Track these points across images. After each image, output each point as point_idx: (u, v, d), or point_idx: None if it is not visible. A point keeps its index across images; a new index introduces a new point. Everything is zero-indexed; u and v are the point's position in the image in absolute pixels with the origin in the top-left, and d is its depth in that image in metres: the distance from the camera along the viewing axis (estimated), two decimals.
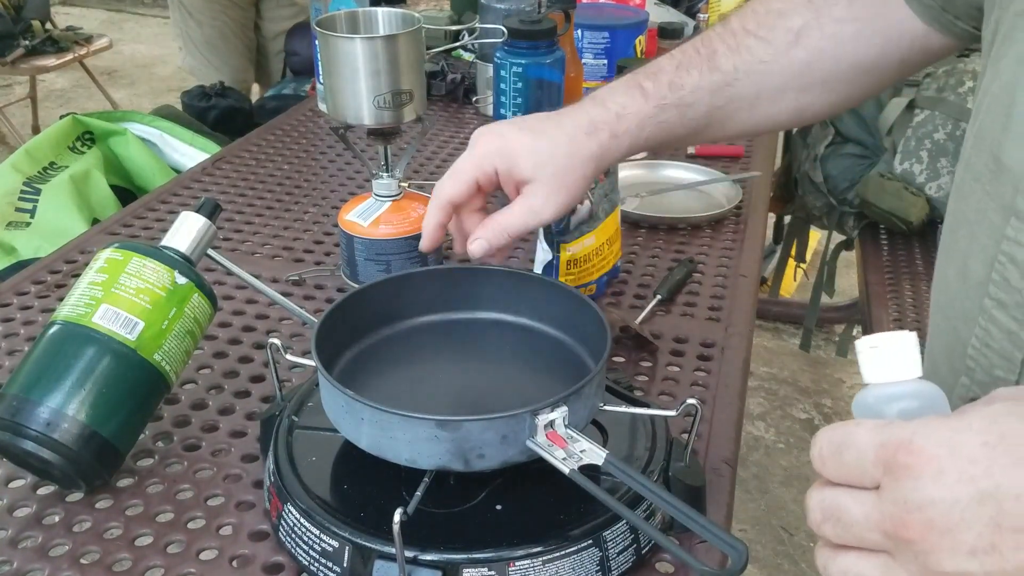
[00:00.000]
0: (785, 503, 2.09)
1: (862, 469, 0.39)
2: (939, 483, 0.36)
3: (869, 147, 1.93)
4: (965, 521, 0.36)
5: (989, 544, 0.36)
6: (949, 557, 0.36)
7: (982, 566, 0.36)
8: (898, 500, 0.37)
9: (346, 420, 0.65)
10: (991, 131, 0.49)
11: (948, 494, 0.36)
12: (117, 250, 0.76)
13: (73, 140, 1.62)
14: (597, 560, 0.63)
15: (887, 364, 0.43)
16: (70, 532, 0.70)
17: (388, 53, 0.94)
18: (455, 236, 0.81)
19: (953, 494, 0.36)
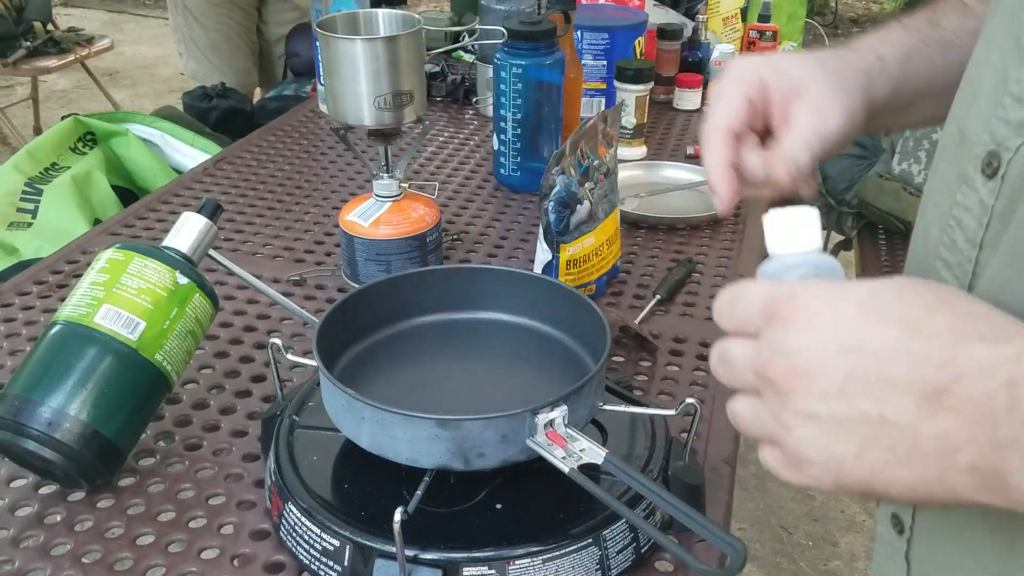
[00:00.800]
0: (784, 502, 2.10)
1: (748, 318, 0.43)
2: (807, 333, 0.40)
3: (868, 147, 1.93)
4: (823, 369, 0.39)
5: (839, 391, 0.39)
6: (803, 399, 0.40)
7: (829, 409, 0.39)
8: (769, 345, 0.41)
9: (347, 419, 0.66)
10: (960, 105, 0.51)
11: (813, 343, 0.40)
12: (119, 250, 0.76)
13: (75, 141, 1.62)
14: (597, 559, 0.64)
15: (790, 236, 0.46)
16: (72, 531, 0.70)
17: (389, 54, 0.94)
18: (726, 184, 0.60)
19: (817, 343, 0.39)
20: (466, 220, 1.23)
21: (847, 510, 2.07)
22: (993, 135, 0.47)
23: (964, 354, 0.37)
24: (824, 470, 0.41)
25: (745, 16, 1.98)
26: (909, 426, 0.38)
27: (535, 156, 1.27)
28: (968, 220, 0.48)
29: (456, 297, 0.81)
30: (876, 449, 0.39)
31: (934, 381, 0.37)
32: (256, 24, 2.61)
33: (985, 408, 0.37)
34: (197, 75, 2.53)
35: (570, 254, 0.97)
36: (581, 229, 0.97)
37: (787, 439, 0.41)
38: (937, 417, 0.37)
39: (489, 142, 1.47)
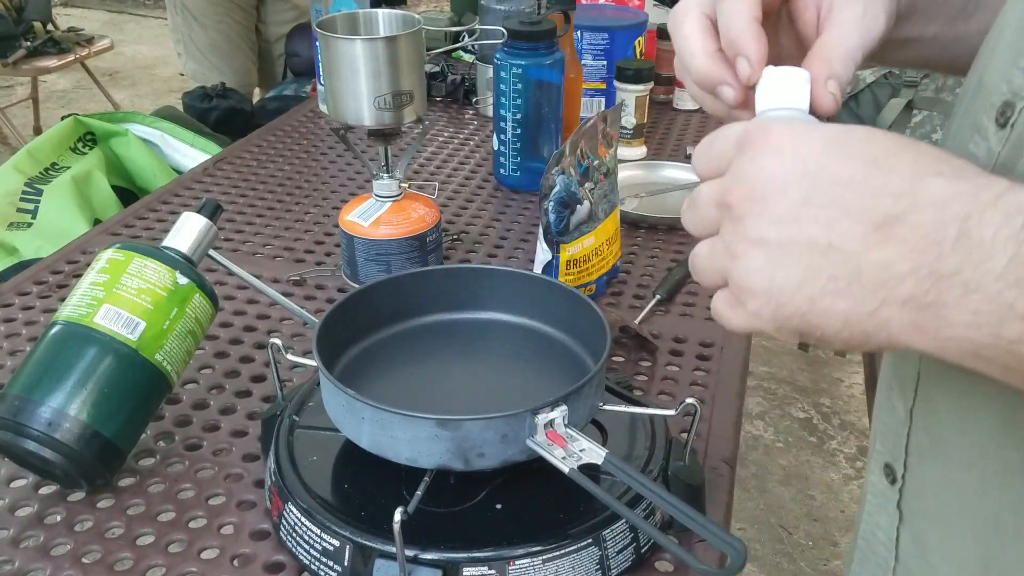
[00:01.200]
0: (784, 502, 2.10)
1: (724, 153, 0.42)
2: (771, 158, 0.40)
3: None
4: (780, 192, 0.39)
5: (791, 215, 0.39)
6: (755, 222, 0.40)
7: (778, 234, 0.39)
8: (734, 172, 0.41)
9: (347, 419, 0.66)
10: (982, 56, 0.50)
11: (774, 167, 0.40)
12: (118, 250, 0.76)
13: (75, 141, 1.62)
14: (597, 559, 0.64)
15: (780, 93, 0.46)
16: (72, 531, 0.70)
17: (389, 54, 0.94)
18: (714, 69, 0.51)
19: (778, 168, 0.40)
20: (466, 220, 1.23)
21: (847, 510, 2.07)
22: (1010, 84, 0.45)
23: (921, 187, 0.37)
24: (765, 300, 0.40)
25: None
26: (855, 253, 0.38)
27: (535, 156, 1.27)
28: None
29: (456, 297, 0.81)
30: (818, 276, 0.39)
31: (887, 210, 0.37)
32: (255, 23, 2.61)
33: (933, 238, 0.37)
34: (196, 75, 2.53)
35: (570, 254, 0.97)
36: (581, 229, 0.97)
37: (734, 269, 0.41)
38: (884, 246, 0.37)
39: (489, 142, 1.47)
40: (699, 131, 1.58)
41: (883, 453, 0.57)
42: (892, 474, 0.56)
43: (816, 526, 2.04)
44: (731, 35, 0.49)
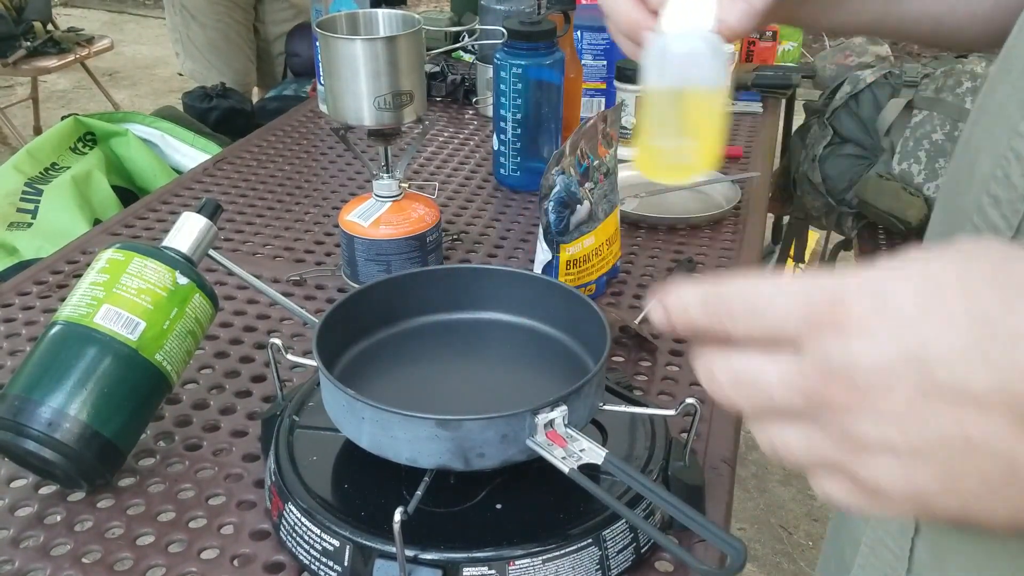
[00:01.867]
0: (784, 502, 2.10)
1: (783, 329, 0.34)
2: (864, 341, 0.32)
3: (867, 148, 1.93)
4: (889, 384, 0.32)
5: (911, 410, 0.32)
6: (872, 421, 0.33)
7: (903, 433, 0.32)
8: (820, 360, 0.33)
9: (347, 419, 0.66)
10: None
11: (873, 353, 0.32)
12: (118, 250, 0.76)
13: (74, 141, 1.62)
14: (597, 559, 0.64)
15: (683, 14, 0.45)
16: (72, 531, 0.70)
17: (389, 54, 0.94)
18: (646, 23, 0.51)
19: (878, 353, 0.32)
20: (466, 220, 1.23)
21: None
22: None
23: None
24: (906, 502, 0.34)
25: None
26: (1003, 450, 0.31)
27: (535, 156, 1.27)
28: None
29: (456, 297, 0.81)
30: (965, 478, 0.32)
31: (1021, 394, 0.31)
32: (253, 23, 2.60)
33: None
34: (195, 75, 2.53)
35: (570, 254, 0.97)
36: (581, 229, 0.97)
37: (858, 470, 0.34)
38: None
39: (489, 142, 1.47)
40: None
41: None
42: None
43: (816, 526, 2.03)
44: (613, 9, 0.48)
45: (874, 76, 1.94)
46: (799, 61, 2.24)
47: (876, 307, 0.32)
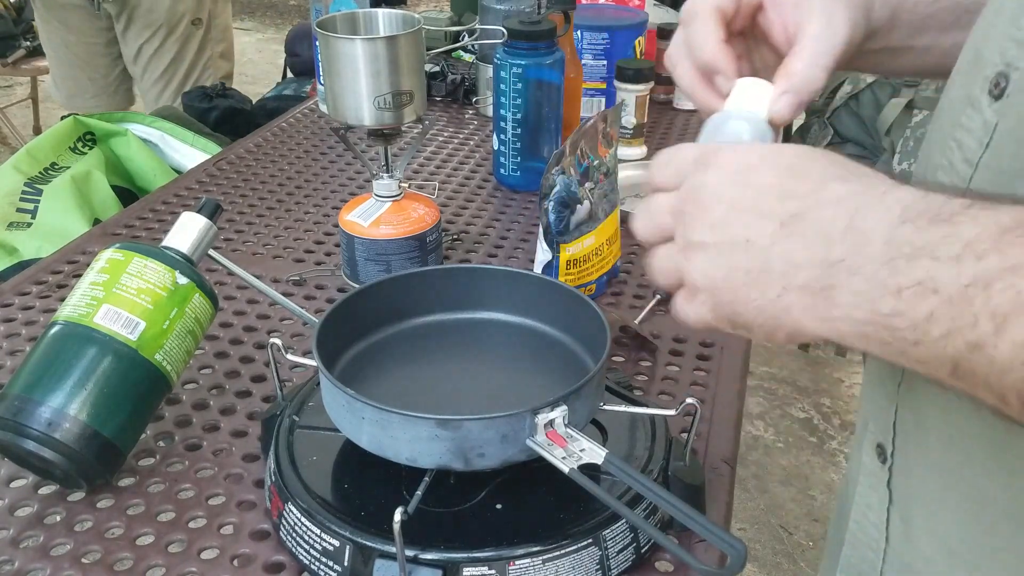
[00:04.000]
0: (784, 502, 2.10)
1: (680, 170, 0.48)
2: (716, 173, 0.46)
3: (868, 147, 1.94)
4: (716, 200, 0.46)
5: (722, 220, 0.45)
6: (698, 228, 0.46)
7: (714, 235, 0.46)
8: (687, 186, 0.47)
9: (347, 419, 0.66)
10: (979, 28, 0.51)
11: (716, 181, 0.46)
12: (118, 250, 0.76)
13: (74, 141, 1.62)
14: (597, 559, 0.64)
15: (744, 101, 0.55)
16: (71, 531, 0.70)
17: (389, 54, 0.94)
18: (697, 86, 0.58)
19: (719, 181, 0.46)
20: (466, 220, 1.23)
21: None
22: (1004, 55, 0.46)
23: (823, 189, 0.43)
24: (707, 295, 0.46)
25: None
26: (765, 247, 0.44)
27: (535, 156, 1.27)
28: (968, 141, 0.48)
29: (456, 297, 0.81)
30: (739, 271, 0.45)
31: (793, 209, 0.43)
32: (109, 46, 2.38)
33: (826, 231, 0.42)
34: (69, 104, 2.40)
35: (570, 254, 0.97)
36: (581, 229, 0.97)
37: (685, 270, 0.47)
38: (788, 239, 0.43)
39: (489, 142, 1.47)
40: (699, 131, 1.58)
41: (875, 433, 0.57)
42: (883, 453, 0.57)
43: (816, 526, 2.03)
44: (704, 57, 0.56)
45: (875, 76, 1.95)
46: None
47: (735, 157, 0.47)
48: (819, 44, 0.54)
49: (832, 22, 0.55)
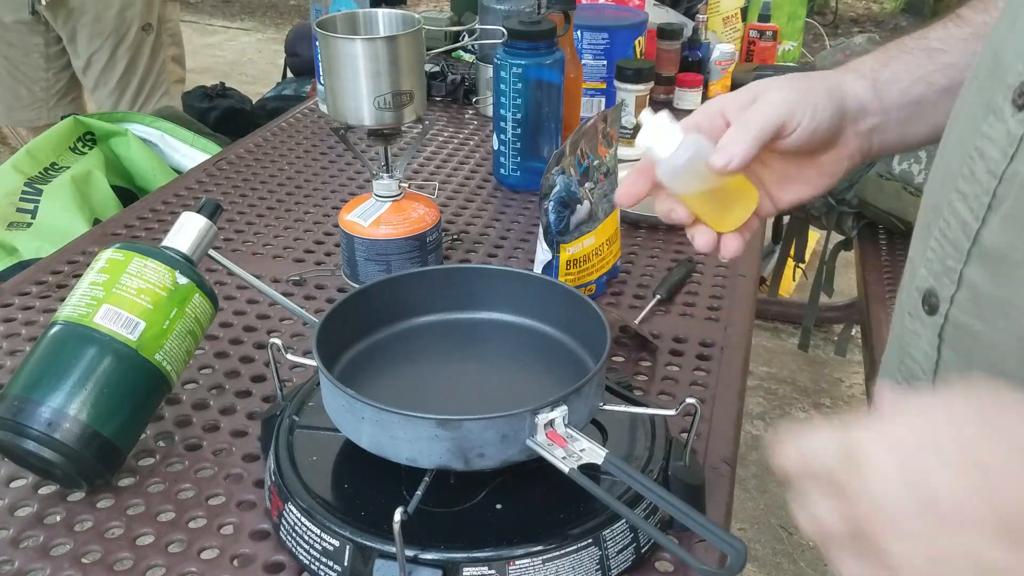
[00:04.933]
0: (784, 502, 2.09)
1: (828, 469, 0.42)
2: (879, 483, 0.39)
3: None
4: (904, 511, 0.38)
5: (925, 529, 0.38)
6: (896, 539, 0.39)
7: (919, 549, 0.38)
8: (851, 503, 0.40)
9: (347, 419, 0.66)
10: (997, 33, 0.50)
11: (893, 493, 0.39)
12: (118, 250, 0.76)
13: (74, 141, 1.62)
14: (597, 559, 0.63)
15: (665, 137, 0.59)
16: (71, 531, 0.70)
17: (389, 54, 0.94)
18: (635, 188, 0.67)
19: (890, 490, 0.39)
20: (466, 220, 1.23)
21: None
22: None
23: None
24: None
25: (745, 16, 1.98)
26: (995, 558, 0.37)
27: (535, 156, 1.27)
28: (991, 151, 0.47)
29: (456, 297, 0.81)
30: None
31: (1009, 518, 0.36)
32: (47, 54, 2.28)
33: None
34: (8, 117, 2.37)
35: (570, 254, 0.97)
36: (581, 229, 0.97)
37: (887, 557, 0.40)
38: None
39: (489, 142, 1.47)
40: None
41: (924, 277, 0.55)
42: (934, 298, 0.54)
43: None
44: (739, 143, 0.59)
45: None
46: (799, 61, 2.24)
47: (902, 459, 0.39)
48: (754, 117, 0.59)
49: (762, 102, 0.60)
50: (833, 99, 0.61)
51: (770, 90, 0.61)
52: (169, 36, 2.39)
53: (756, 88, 0.62)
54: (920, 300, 0.55)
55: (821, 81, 0.62)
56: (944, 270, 0.52)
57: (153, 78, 2.33)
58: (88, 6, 2.16)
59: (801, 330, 2.45)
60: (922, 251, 0.56)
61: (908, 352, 0.56)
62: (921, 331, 0.55)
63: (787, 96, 0.60)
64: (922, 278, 0.55)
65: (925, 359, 0.55)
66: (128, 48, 2.25)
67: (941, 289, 0.53)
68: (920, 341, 0.55)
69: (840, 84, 0.62)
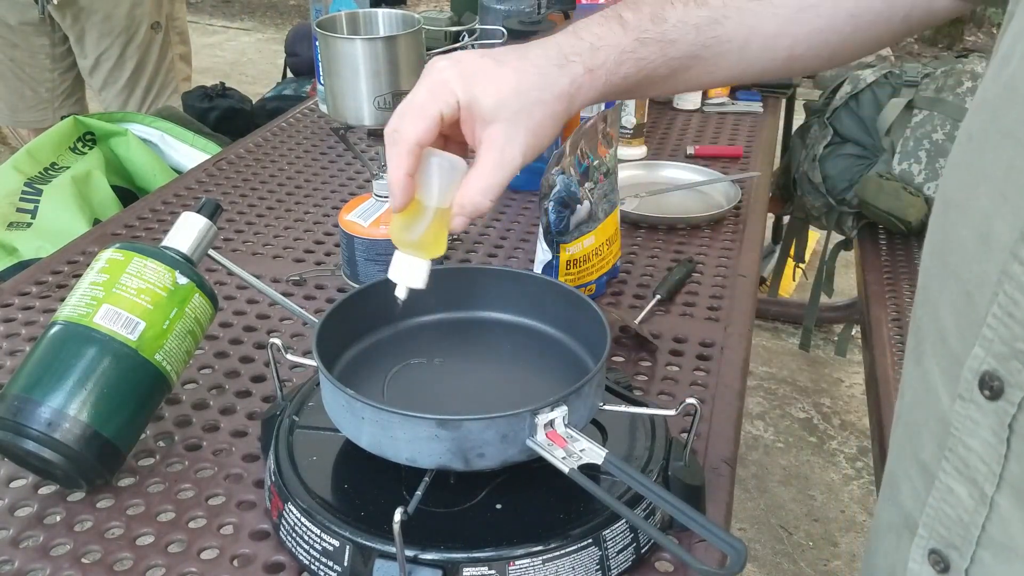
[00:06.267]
0: (784, 502, 2.10)
1: None
2: None
3: (868, 147, 1.93)
4: None
5: None
6: None
7: None
8: None
9: (347, 419, 0.66)
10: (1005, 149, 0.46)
11: None
12: (118, 250, 0.76)
13: (74, 141, 1.62)
14: (597, 559, 0.63)
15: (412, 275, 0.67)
16: (71, 531, 0.70)
17: (388, 54, 0.94)
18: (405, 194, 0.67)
19: None
20: None
21: (847, 510, 2.07)
22: None
23: None
24: None
25: None
26: None
27: None
28: None
29: (456, 297, 0.81)
30: None
31: None
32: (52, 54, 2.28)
33: None
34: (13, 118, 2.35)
35: (570, 254, 0.97)
36: (581, 229, 0.97)
37: None
38: None
39: None
40: (699, 131, 1.58)
41: (927, 539, 0.53)
42: (944, 563, 0.52)
43: (816, 526, 2.03)
44: (391, 183, 0.64)
45: (874, 76, 1.94)
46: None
47: None
48: (487, 177, 0.62)
49: (505, 154, 0.62)
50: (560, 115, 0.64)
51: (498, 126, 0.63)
52: (177, 34, 2.39)
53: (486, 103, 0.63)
54: (976, 383, 0.48)
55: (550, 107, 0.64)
56: (1012, 352, 0.46)
57: (162, 77, 2.33)
58: (98, 5, 2.17)
59: (801, 330, 2.46)
60: (965, 326, 0.50)
61: (960, 439, 0.50)
62: (979, 418, 0.49)
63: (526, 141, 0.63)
64: (977, 359, 0.49)
65: (987, 449, 0.49)
66: (138, 47, 2.25)
67: (1009, 375, 0.47)
68: (979, 430, 0.49)
69: (572, 95, 0.64)
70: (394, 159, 0.63)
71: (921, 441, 0.54)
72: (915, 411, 0.56)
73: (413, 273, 0.67)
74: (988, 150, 0.49)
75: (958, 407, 0.50)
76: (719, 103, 1.69)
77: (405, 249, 0.67)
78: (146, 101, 2.29)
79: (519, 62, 0.63)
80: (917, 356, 0.55)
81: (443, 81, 0.63)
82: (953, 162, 0.53)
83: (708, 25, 0.66)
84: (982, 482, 0.49)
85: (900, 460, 0.57)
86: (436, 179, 0.64)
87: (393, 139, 0.63)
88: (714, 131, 1.59)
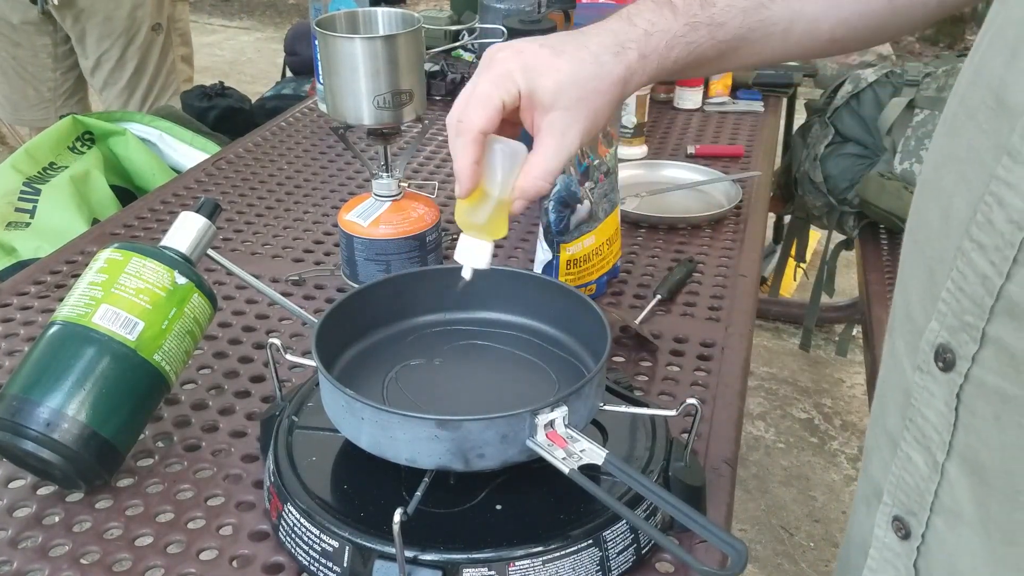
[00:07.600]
0: (785, 503, 2.09)
1: None
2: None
3: (869, 147, 1.93)
4: None
5: None
6: None
7: None
8: None
9: (346, 420, 0.65)
10: (992, 66, 0.47)
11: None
12: (117, 250, 0.76)
13: (73, 140, 1.62)
14: (597, 560, 0.63)
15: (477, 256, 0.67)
16: (70, 532, 0.70)
17: (388, 53, 0.94)
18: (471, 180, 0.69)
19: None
20: None
21: (848, 511, 2.07)
22: None
23: None
24: None
25: None
26: None
27: None
28: (1012, 198, 0.44)
29: (456, 297, 0.81)
30: None
31: None
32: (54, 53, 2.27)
33: None
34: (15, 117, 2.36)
35: (570, 254, 0.97)
36: (581, 229, 0.96)
37: None
38: None
39: None
40: (700, 130, 1.58)
41: (891, 506, 0.55)
42: (904, 529, 0.54)
43: (817, 527, 2.03)
44: (458, 170, 0.65)
45: (876, 75, 1.94)
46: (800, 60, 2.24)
47: None
48: (548, 162, 0.65)
49: (564, 139, 0.65)
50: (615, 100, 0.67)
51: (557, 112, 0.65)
52: (178, 36, 2.39)
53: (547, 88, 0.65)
54: (932, 355, 0.51)
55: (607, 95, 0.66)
56: (962, 326, 0.49)
57: (163, 78, 2.33)
58: (98, 6, 2.17)
59: (802, 330, 2.45)
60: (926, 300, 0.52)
61: (918, 409, 0.53)
62: (934, 389, 0.51)
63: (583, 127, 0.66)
64: (933, 332, 0.51)
65: (940, 419, 0.51)
66: (138, 48, 2.25)
67: (959, 347, 0.49)
68: (934, 400, 0.51)
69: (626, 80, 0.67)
70: (460, 148, 0.65)
71: (888, 412, 0.57)
72: (885, 384, 0.59)
73: (478, 255, 0.67)
74: (956, 132, 0.51)
75: (917, 378, 0.53)
76: (720, 102, 1.69)
77: (470, 232, 0.68)
78: (147, 102, 2.30)
79: (577, 51, 0.67)
80: (890, 331, 0.59)
81: (507, 72, 0.65)
82: (931, 146, 0.56)
83: (755, 8, 0.69)
84: (935, 450, 0.51)
85: (873, 432, 0.60)
86: (500, 165, 0.66)
87: (458, 129, 0.65)
88: (715, 130, 1.59)
